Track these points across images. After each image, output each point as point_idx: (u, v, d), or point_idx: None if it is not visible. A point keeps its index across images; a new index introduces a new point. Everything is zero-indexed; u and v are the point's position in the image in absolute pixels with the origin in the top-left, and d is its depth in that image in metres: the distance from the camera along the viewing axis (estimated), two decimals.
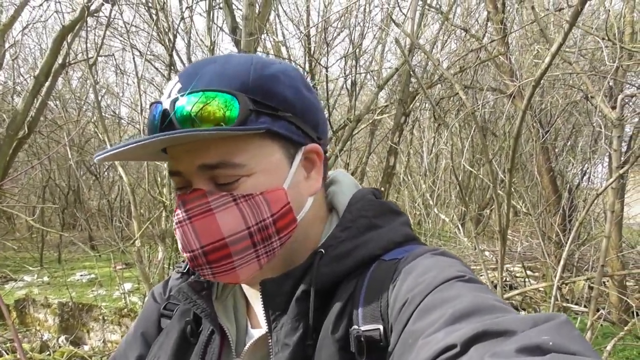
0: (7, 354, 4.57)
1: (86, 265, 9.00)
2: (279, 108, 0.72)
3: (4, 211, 9.75)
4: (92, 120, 9.82)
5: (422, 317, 0.58)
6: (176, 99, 0.69)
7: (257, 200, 0.70)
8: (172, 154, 0.73)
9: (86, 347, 5.26)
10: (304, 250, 0.76)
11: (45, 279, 8.20)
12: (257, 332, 0.77)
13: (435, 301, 0.59)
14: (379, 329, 0.65)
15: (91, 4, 6.47)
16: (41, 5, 7.94)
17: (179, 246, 0.71)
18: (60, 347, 5.14)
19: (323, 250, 0.72)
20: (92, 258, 9.35)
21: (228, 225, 0.69)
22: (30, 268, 8.40)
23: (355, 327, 0.66)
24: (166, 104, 0.69)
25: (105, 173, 10.86)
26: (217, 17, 7.54)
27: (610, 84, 5.52)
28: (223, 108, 0.68)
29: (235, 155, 0.69)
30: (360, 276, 0.71)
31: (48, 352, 4.80)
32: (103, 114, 5.51)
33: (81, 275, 8.48)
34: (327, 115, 7.96)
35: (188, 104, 0.68)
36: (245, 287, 0.81)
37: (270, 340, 0.72)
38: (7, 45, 8.27)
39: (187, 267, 0.87)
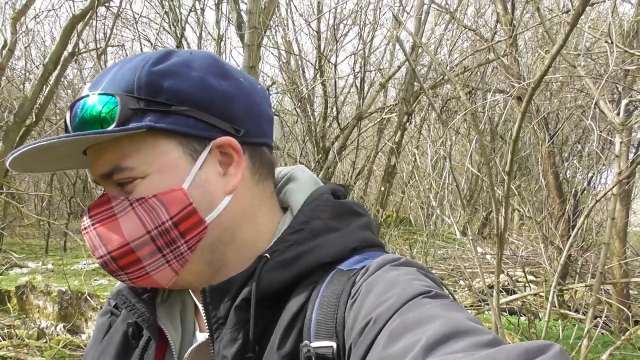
0: (4, 339, 4.61)
1: (90, 255, 9.07)
2: (172, 103, 0.67)
3: (13, 197, 9.86)
4: None
5: (394, 342, 0.53)
6: (73, 104, 0.69)
7: (150, 203, 0.66)
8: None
9: (83, 336, 5.30)
10: (240, 253, 0.71)
11: (50, 266, 8.28)
12: (203, 336, 0.73)
13: (405, 323, 0.54)
14: (332, 346, 0.61)
15: None
16: None
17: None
18: (57, 335, 5.18)
19: (268, 255, 0.67)
20: None
21: (129, 230, 0.67)
22: (35, 255, 8.49)
23: (306, 342, 0.62)
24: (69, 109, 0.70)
25: None
26: (228, 10, 7.57)
27: (619, 89, 5.44)
28: (101, 110, 0.66)
29: (125, 159, 0.67)
30: (316, 286, 0.67)
31: (45, 340, 4.83)
32: None
33: (85, 264, 8.55)
34: (335, 113, 7.96)
35: (78, 108, 0.68)
36: (191, 291, 0.77)
37: (212, 349, 0.68)
38: (20, 33, 8.35)
39: None
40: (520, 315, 5.21)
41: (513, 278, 6.01)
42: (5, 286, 6.32)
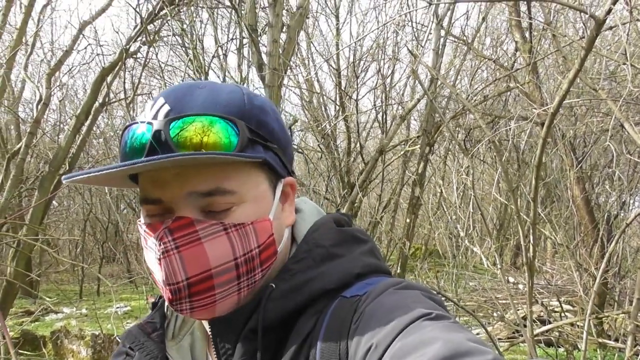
0: None
1: (123, 298, 9.18)
2: (268, 139, 0.72)
3: (49, 244, 10.14)
4: None
5: None
6: (171, 120, 0.66)
7: (247, 230, 0.68)
8: (153, 180, 0.68)
9: None
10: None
11: (84, 311, 8.41)
12: None
13: (405, 347, 0.55)
14: None
15: (129, 47, 6.80)
16: (85, 48, 8.36)
17: (159, 278, 0.67)
18: None
19: (274, 285, 0.69)
20: (129, 291, 9.57)
21: (216, 255, 0.66)
22: (70, 300, 8.63)
23: None
24: (159, 125, 0.65)
25: None
26: (249, 54, 7.81)
27: None
28: (224, 134, 0.66)
29: (229, 181, 0.67)
30: (320, 314, 0.68)
31: None
32: None
33: (117, 308, 8.65)
34: (359, 148, 8.02)
35: (185, 126, 0.65)
36: (205, 323, 0.77)
37: None
38: (54, 87, 8.74)
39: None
40: (558, 347, 5.03)
41: (548, 308, 5.82)
42: (41, 332, 6.43)
